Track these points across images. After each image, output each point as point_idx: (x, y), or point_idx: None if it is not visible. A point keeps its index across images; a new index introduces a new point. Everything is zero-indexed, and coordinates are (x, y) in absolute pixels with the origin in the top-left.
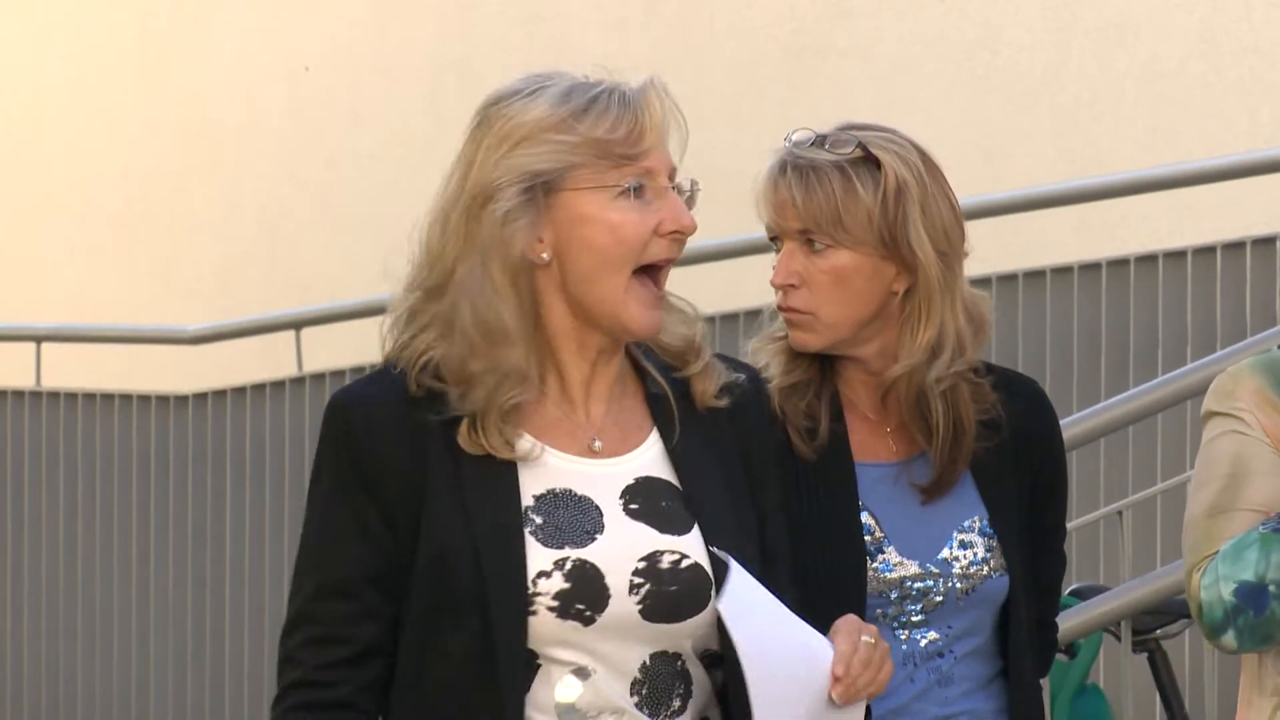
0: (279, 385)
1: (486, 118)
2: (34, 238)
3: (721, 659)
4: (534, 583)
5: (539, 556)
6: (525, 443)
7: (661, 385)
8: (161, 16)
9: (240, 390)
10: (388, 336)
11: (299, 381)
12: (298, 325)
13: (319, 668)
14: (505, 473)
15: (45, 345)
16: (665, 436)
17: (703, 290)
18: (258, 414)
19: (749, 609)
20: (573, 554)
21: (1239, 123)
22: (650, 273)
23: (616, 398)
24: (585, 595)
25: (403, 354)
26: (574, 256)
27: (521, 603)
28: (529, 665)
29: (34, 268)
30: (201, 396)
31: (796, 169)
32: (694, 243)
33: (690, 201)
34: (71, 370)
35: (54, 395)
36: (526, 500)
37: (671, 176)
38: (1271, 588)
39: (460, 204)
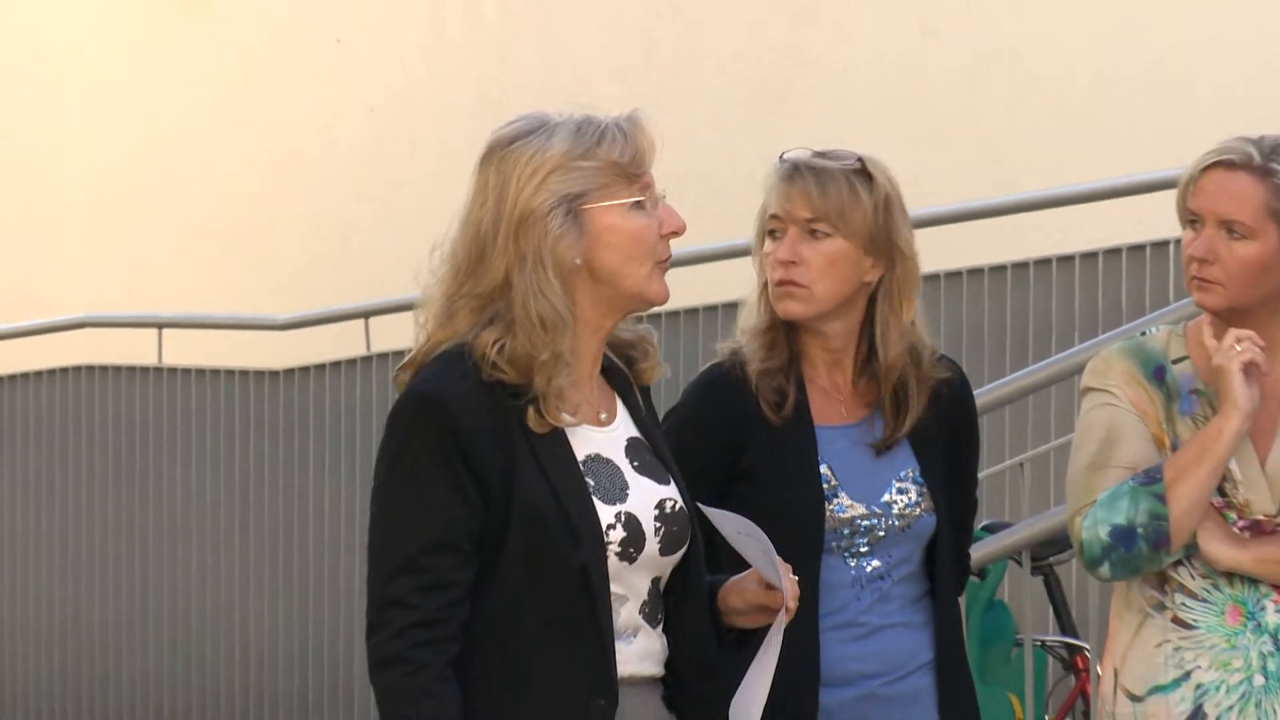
0: (351, 363)
1: (508, 154)
2: (155, 244)
3: (671, 587)
4: (606, 533)
5: (605, 512)
6: (569, 417)
7: (618, 365)
8: (259, 67)
9: (320, 367)
10: (423, 328)
11: (367, 360)
12: (366, 315)
13: (436, 609)
14: (561, 442)
15: (165, 331)
16: (629, 405)
17: (690, 285)
18: (335, 386)
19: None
20: (622, 509)
21: (1123, 150)
22: None
23: (598, 375)
24: (634, 540)
25: (473, 345)
26: (603, 258)
27: (603, 551)
28: (609, 599)
29: (156, 268)
30: (290, 372)
31: (811, 170)
32: (684, 247)
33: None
34: (186, 350)
35: (173, 371)
36: (581, 466)
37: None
38: (1139, 530)
39: (504, 225)
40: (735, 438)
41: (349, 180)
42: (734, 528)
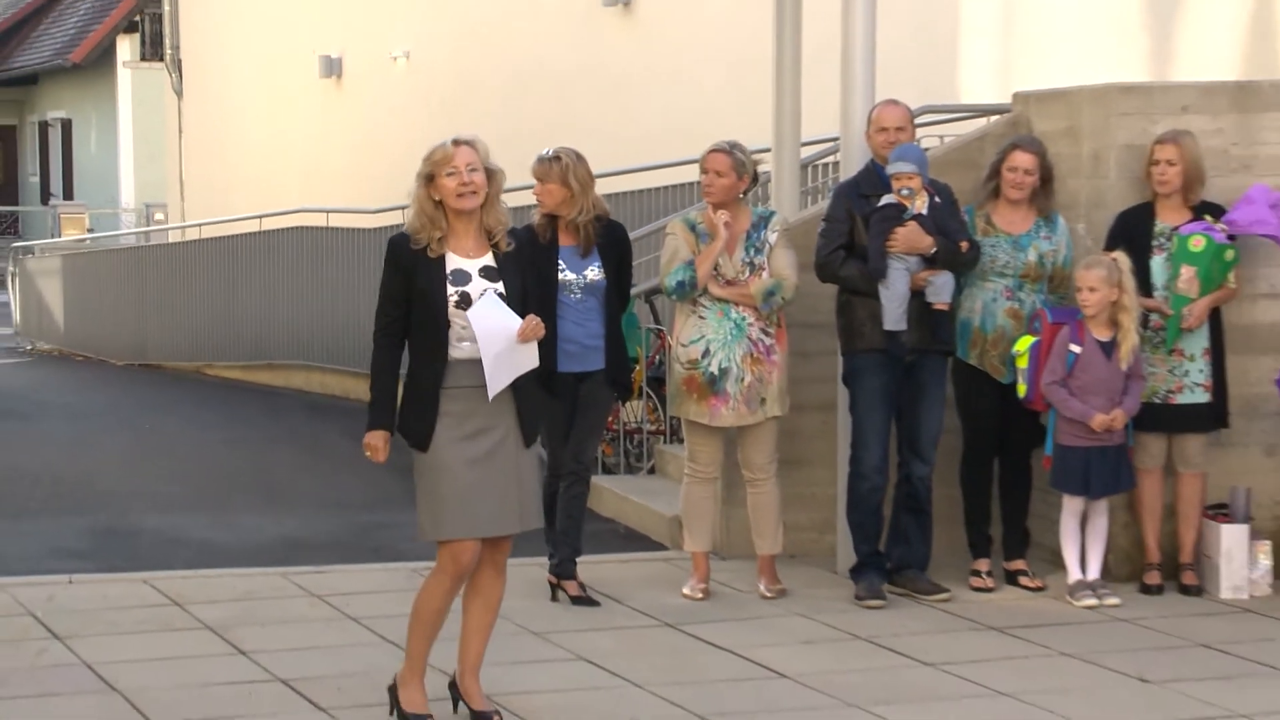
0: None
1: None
2: (328, 182)
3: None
4: (450, 299)
5: (451, 289)
6: (445, 250)
7: (490, 238)
8: (366, 116)
9: (385, 228)
10: (407, 218)
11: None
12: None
13: (387, 323)
14: (440, 262)
15: (331, 214)
16: (495, 254)
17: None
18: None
19: (488, 311)
20: (462, 288)
21: (679, 142)
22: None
23: (476, 238)
24: (464, 301)
25: (414, 225)
26: (442, 195)
27: (446, 303)
28: (449, 324)
29: (327, 190)
30: (378, 229)
31: (538, 158)
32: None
33: (474, 174)
34: (338, 221)
35: (333, 229)
36: (449, 272)
37: (472, 166)
38: (685, 282)
39: (416, 180)
40: (530, 250)
41: (409, 166)
42: (485, 308)
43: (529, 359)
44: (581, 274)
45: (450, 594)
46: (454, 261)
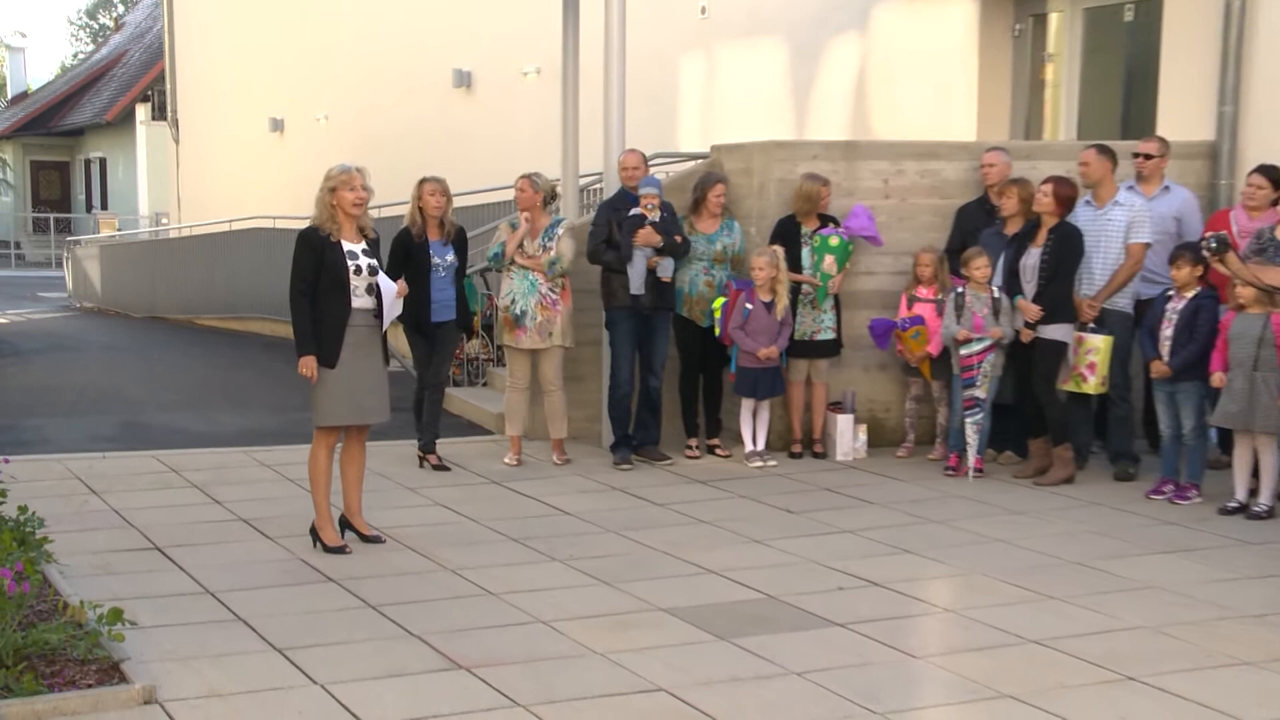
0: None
1: (330, 171)
2: (279, 198)
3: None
4: (350, 269)
5: (350, 262)
6: (341, 239)
7: (362, 233)
8: (303, 161)
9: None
10: (314, 214)
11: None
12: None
13: (302, 286)
14: (339, 246)
15: (277, 219)
16: (366, 241)
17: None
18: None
19: (385, 279)
20: (356, 263)
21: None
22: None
23: (354, 230)
24: (360, 271)
25: (319, 220)
26: (339, 202)
27: (348, 271)
28: (350, 284)
29: (280, 202)
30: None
31: (424, 180)
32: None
33: (363, 192)
34: (288, 225)
35: (281, 230)
36: (345, 252)
37: (363, 185)
38: (498, 253)
39: (322, 190)
40: (406, 245)
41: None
42: (384, 278)
43: (399, 307)
44: (444, 258)
45: (328, 458)
46: (346, 245)
